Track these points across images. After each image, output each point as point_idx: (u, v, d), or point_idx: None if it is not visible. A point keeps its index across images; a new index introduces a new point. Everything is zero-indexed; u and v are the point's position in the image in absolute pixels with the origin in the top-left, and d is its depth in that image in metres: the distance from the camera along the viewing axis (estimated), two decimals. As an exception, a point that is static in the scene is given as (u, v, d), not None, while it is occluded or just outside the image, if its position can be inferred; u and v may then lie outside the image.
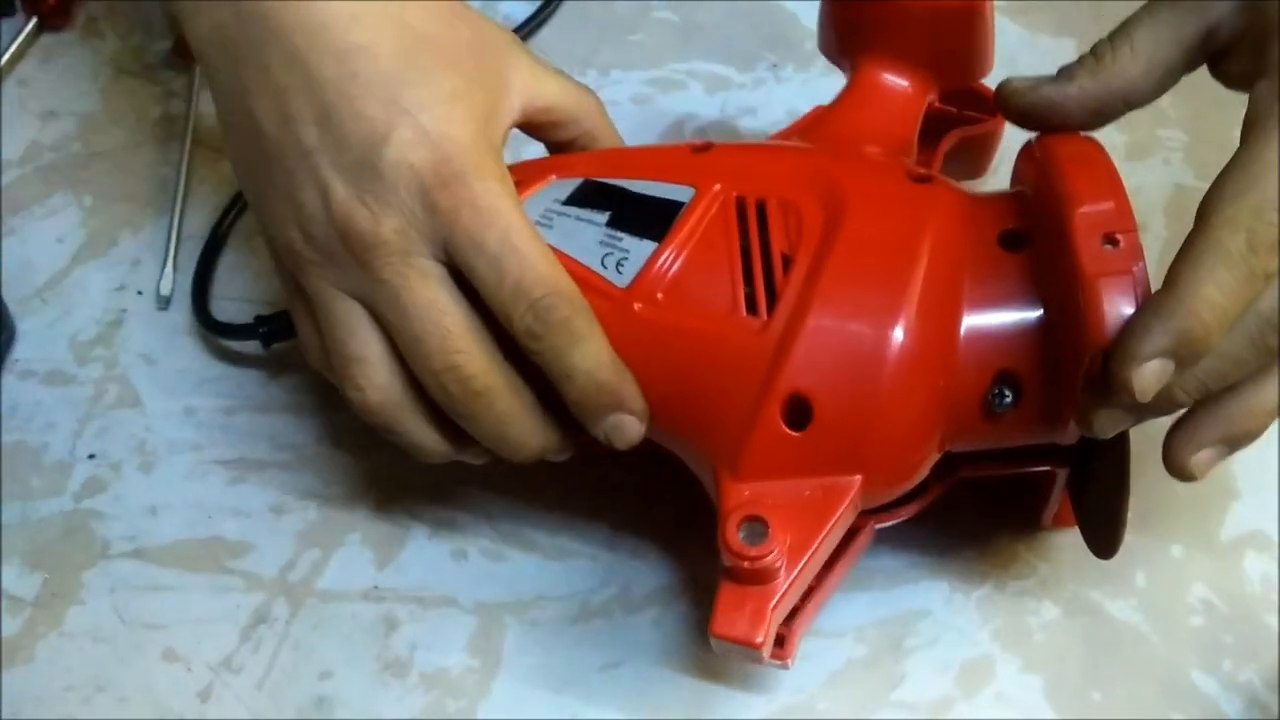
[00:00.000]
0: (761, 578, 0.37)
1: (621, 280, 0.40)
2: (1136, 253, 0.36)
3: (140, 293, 0.54)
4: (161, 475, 0.50)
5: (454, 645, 0.46)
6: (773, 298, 0.39)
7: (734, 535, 0.37)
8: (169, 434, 0.51)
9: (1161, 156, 0.56)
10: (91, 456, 0.50)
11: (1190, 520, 0.47)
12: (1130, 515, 0.41)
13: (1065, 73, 0.40)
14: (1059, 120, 0.40)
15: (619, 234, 0.40)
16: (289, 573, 0.48)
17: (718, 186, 0.40)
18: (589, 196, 0.42)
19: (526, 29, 0.60)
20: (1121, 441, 0.39)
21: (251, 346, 0.51)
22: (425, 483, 0.49)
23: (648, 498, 0.49)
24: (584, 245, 0.40)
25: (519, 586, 0.47)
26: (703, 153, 0.42)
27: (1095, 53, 0.40)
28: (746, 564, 0.37)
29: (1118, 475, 0.39)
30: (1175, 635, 0.46)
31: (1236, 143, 0.55)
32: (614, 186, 0.41)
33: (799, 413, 0.38)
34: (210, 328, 0.52)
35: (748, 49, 0.59)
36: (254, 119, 0.39)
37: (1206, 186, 0.55)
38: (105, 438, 0.51)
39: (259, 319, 0.50)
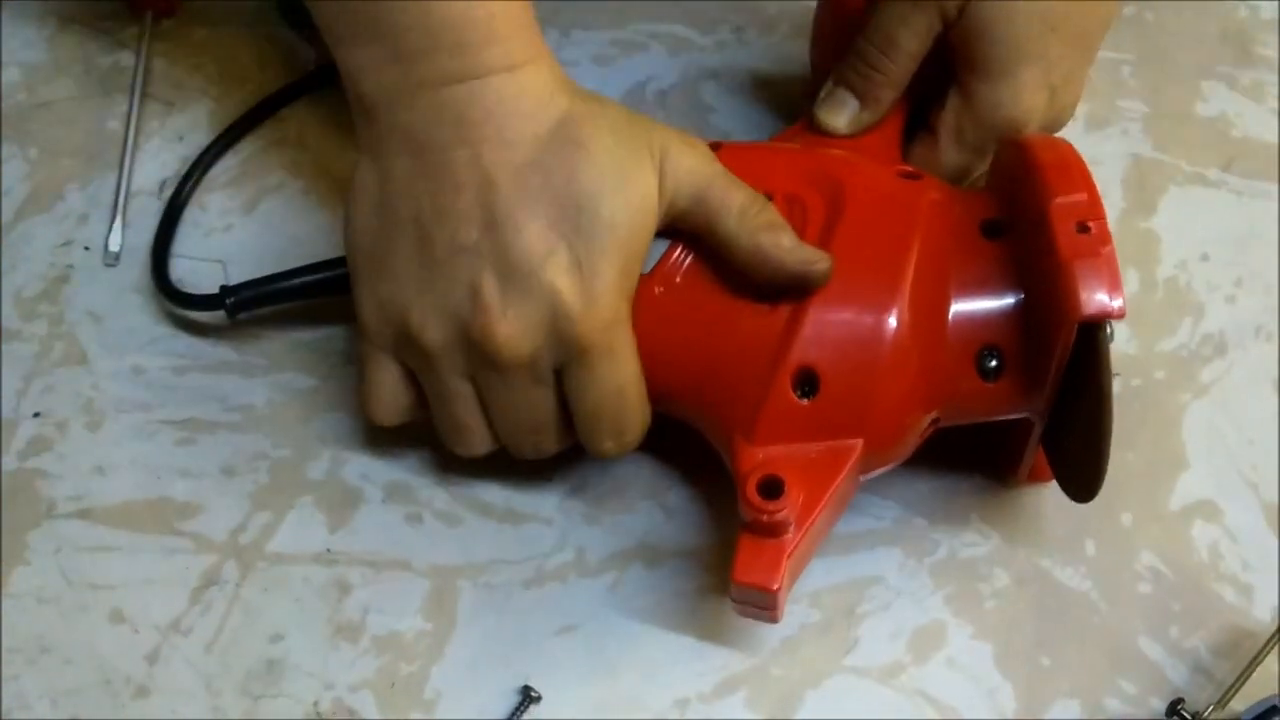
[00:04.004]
0: (777, 530, 0.41)
1: (644, 267, 0.42)
2: (1106, 237, 0.40)
3: (87, 248, 0.53)
4: (109, 434, 0.49)
5: (407, 609, 0.46)
6: None
7: (753, 492, 0.40)
8: (116, 393, 0.50)
9: (1120, 127, 0.56)
10: (37, 415, 0.49)
11: (1140, 489, 0.48)
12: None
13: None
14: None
15: None
16: (240, 535, 0.47)
17: None
18: None
19: (486, -14, 0.59)
20: (1103, 372, 0.40)
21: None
22: (379, 445, 0.49)
23: (602, 462, 0.48)
24: None
25: (473, 550, 0.47)
26: (714, 150, 0.45)
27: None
28: (765, 517, 0.40)
29: (1099, 410, 0.40)
30: (1124, 603, 0.46)
31: (1196, 114, 0.56)
32: None
33: (808, 383, 0.41)
34: (174, 299, 0.50)
35: (711, 11, 0.59)
36: (415, 202, 0.41)
37: (1165, 157, 0.56)
38: (51, 396, 0.50)
39: (224, 289, 0.49)
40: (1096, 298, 0.39)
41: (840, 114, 0.48)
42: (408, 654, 0.45)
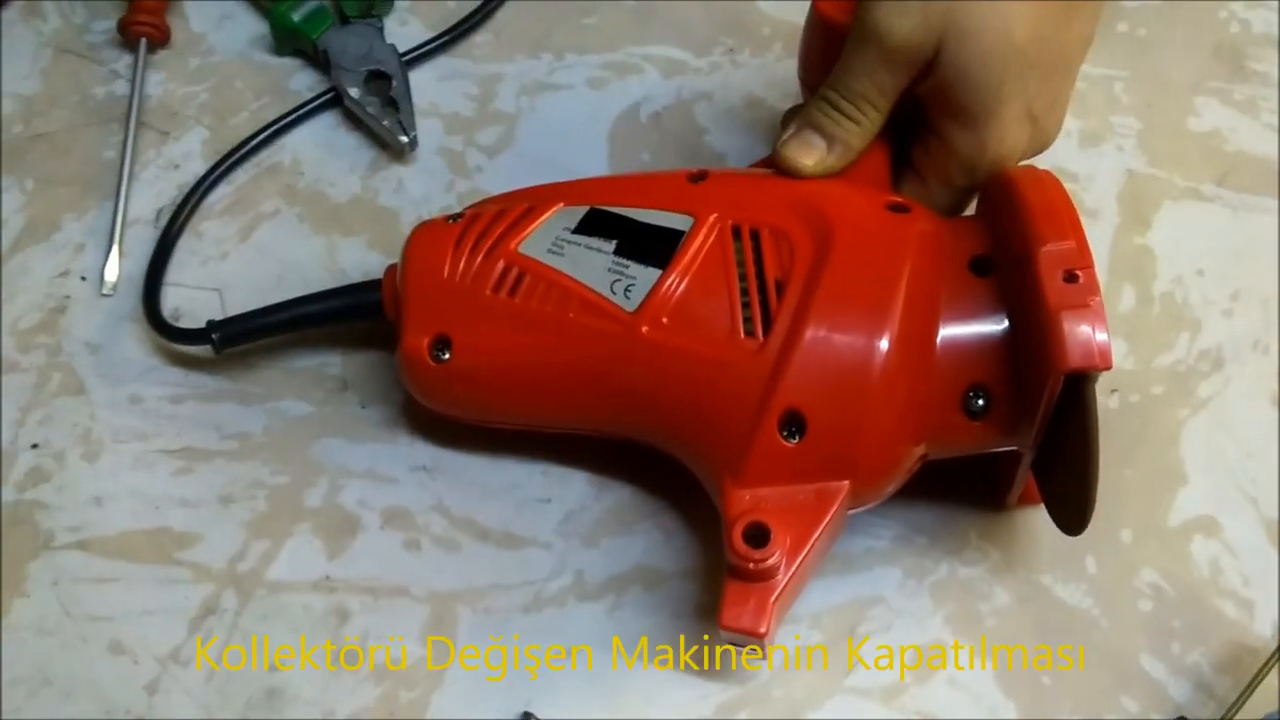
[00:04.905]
0: (764, 576, 0.41)
1: (629, 305, 0.43)
2: (1094, 287, 0.40)
3: (84, 278, 0.53)
4: (107, 465, 0.49)
5: (407, 635, 0.46)
6: (768, 321, 0.42)
7: (739, 540, 0.41)
8: (114, 423, 0.50)
9: (1114, 143, 0.56)
10: (35, 446, 0.49)
11: (1139, 506, 0.48)
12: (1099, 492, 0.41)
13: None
14: None
15: (626, 261, 0.44)
16: (238, 563, 0.47)
17: (714, 216, 0.44)
18: (596, 225, 0.45)
19: (483, 9, 0.59)
20: (1090, 419, 0.40)
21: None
22: (376, 472, 0.49)
23: (599, 485, 0.48)
24: (594, 272, 0.44)
25: (472, 576, 0.47)
26: (699, 181, 0.45)
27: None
28: (751, 565, 0.40)
29: (1086, 452, 0.40)
30: (1124, 620, 0.46)
31: (1189, 129, 0.57)
32: (619, 215, 0.45)
33: (794, 426, 0.41)
34: (162, 331, 0.51)
35: (704, 33, 0.59)
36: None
37: (1159, 173, 0.56)
38: (49, 427, 0.50)
39: (210, 324, 0.49)
40: (1083, 350, 0.39)
41: (809, 155, 0.45)
42: (408, 681, 0.45)
